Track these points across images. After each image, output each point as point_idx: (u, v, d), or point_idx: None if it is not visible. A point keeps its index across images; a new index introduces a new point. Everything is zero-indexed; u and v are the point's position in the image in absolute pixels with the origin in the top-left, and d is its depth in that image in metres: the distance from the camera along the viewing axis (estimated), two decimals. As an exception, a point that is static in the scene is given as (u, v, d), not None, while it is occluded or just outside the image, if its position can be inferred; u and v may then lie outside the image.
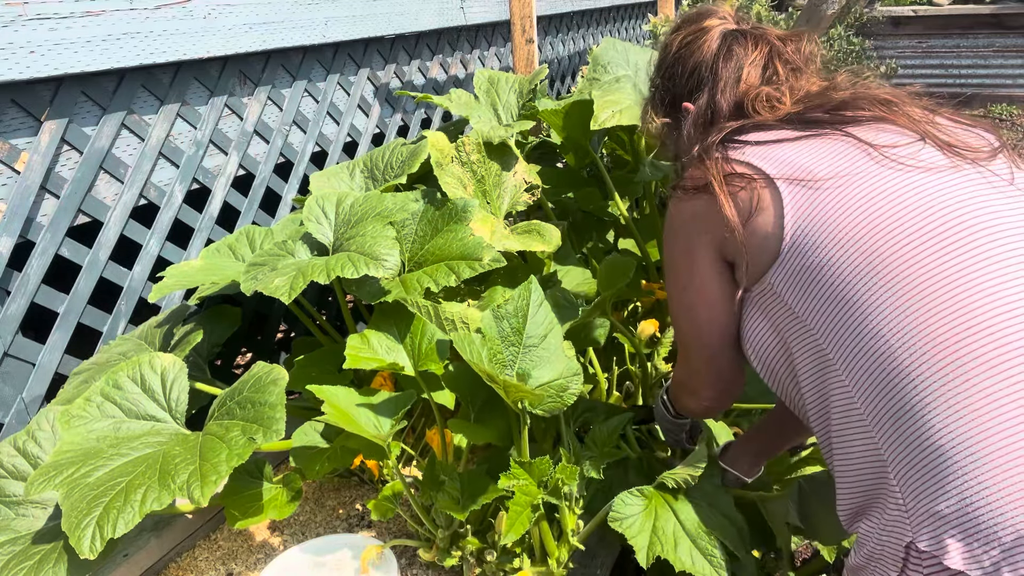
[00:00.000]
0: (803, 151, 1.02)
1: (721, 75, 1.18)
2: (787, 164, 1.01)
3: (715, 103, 1.16)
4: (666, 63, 1.27)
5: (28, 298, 1.70)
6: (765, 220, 1.00)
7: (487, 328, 1.46)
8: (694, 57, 1.22)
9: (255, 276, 1.59)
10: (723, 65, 1.18)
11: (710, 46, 1.20)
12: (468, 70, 3.33)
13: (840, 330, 0.94)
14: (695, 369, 1.23)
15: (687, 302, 1.16)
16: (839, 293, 0.94)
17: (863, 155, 0.99)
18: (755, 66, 1.17)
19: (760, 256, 1.02)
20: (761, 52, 1.18)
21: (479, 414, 1.55)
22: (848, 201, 0.95)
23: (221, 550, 1.66)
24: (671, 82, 1.26)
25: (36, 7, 1.62)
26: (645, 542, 1.25)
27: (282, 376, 1.40)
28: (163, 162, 2.01)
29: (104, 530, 1.15)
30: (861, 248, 0.92)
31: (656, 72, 1.32)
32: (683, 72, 1.23)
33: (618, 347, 2.02)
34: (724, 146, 1.08)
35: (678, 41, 1.25)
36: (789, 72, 1.17)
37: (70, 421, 1.39)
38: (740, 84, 1.16)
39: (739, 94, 1.16)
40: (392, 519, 1.71)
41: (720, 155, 1.06)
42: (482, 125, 2.09)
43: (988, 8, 5.74)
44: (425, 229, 1.77)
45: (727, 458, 1.49)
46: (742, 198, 1.02)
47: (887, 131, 1.03)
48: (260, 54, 2.25)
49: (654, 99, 1.32)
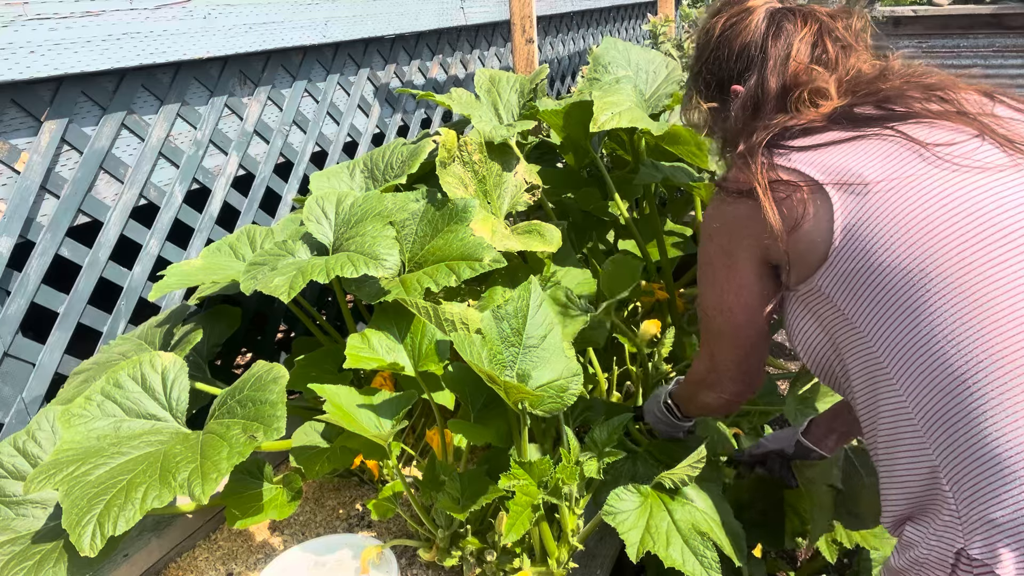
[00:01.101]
0: (852, 154, 0.99)
1: (770, 54, 1.14)
2: (836, 169, 0.98)
3: (764, 83, 1.13)
4: (710, 46, 1.23)
5: (28, 298, 1.70)
6: (813, 226, 0.98)
7: (487, 329, 1.46)
8: (741, 38, 1.18)
9: (255, 276, 1.59)
10: (772, 43, 1.14)
11: (757, 25, 1.17)
12: (468, 70, 3.33)
13: (892, 334, 0.92)
14: (722, 366, 1.23)
15: (724, 303, 1.15)
16: (891, 297, 0.92)
17: (915, 156, 0.96)
18: (805, 43, 1.13)
19: (807, 259, 1.00)
20: (811, 29, 1.14)
21: (479, 414, 1.55)
22: (900, 205, 0.93)
23: (221, 550, 1.66)
24: (716, 65, 1.22)
25: (36, 7, 1.62)
26: (637, 538, 1.25)
27: (283, 374, 1.40)
28: (163, 162, 2.01)
29: (105, 528, 1.16)
30: (914, 252, 0.90)
31: (698, 57, 1.28)
32: (730, 54, 1.19)
33: (618, 347, 2.02)
34: (769, 151, 1.05)
35: (722, 23, 1.22)
36: (839, 50, 1.14)
37: (70, 420, 1.39)
38: (790, 62, 1.12)
39: (789, 74, 1.12)
40: (392, 519, 1.71)
41: (766, 160, 1.03)
42: (484, 125, 2.09)
43: (988, 8, 5.74)
44: (425, 229, 1.78)
45: (812, 437, 1.48)
46: (788, 206, 0.99)
47: (942, 127, 0.99)
48: (260, 54, 2.25)
49: (698, 84, 1.28)
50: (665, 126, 1.90)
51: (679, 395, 1.50)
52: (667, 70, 2.35)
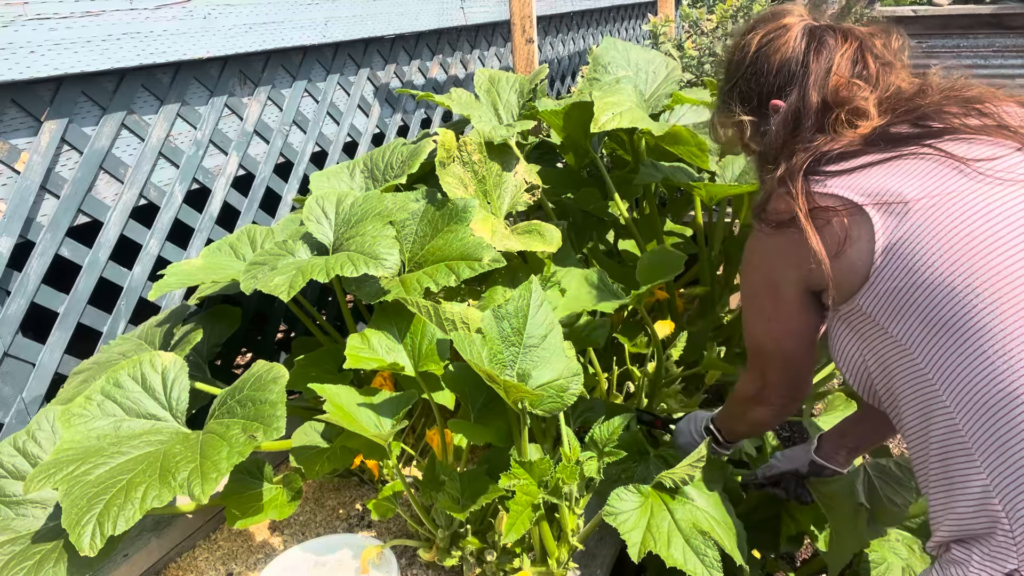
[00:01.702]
0: (890, 174, 0.99)
1: (812, 68, 1.14)
2: (874, 191, 0.98)
3: (806, 97, 1.13)
4: (746, 62, 1.24)
5: (28, 298, 1.70)
6: (855, 249, 0.99)
7: (487, 328, 1.46)
8: (780, 53, 1.18)
9: (255, 275, 1.59)
10: (814, 57, 1.15)
11: (796, 41, 1.17)
12: (468, 70, 3.33)
13: (940, 352, 0.92)
14: (772, 383, 1.28)
15: (773, 332, 1.19)
16: (937, 315, 0.92)
17: (955, 172, 0.96)
18: (846, 58, 1.14)
19: (848, 280, 1.01)
20: (852, 45, 1.15)
21: (479, 414, 1.55)
22: (942, 221, 0.92)
23: (221, 550, 1.66)
24: (756, 79, 1.22)
25: (36, 7, 1.62)
26: (638, 538, 1.25)
27: (282, 374, 1.40)
28: (163, 162, 2.01)
29: (104, 527, 1.15)
30: (958, 269, 0.90)
31: (733, 73, 1.28)
32: (769, 68, 1.19)
33: (618, 347, 2.02)
34: (806, 179, 1.05)
35: (758, 40, 1.22)
36: (880, 67, 1.14)
37: (70, 419, 1.39)
38: (831, 76, 1.13)
39: (830, 88, 1.12)
40: (392, 519, 1.71)
41: (804, 188, 1.04)
42: (484, 125, 2.09)
43: (988, 8, 5.74)
44: (425, 229, 1.78)
45: (823, 453, 1.50)
46: (830, 232, 1.00)
47: (981, 142, 0.99)
48: (260, 54, 2.25)
49: (733, 98, 1.27)
50: (666, 126, 1.90)
51: (724, 418, 1.50)
52: (667, 70, 2.35)
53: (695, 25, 4.06)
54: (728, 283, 2.33)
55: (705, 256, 2.24)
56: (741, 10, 3.84)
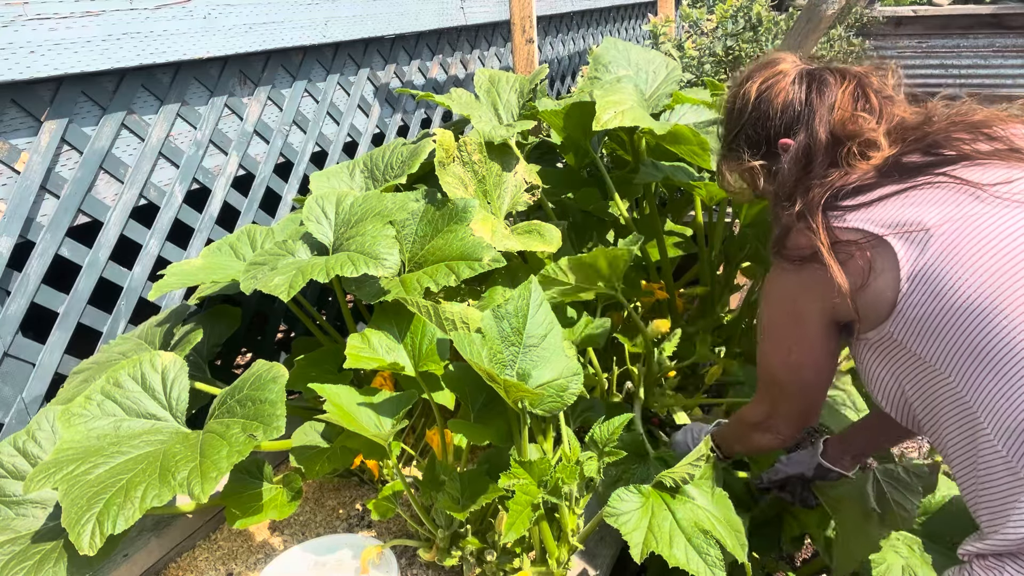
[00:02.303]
0: (908, 204, 1.01)
1: (816, 106, 1.18)
2: (894, 221, 1.00)
3: (814, 134, 1.16)
4: (748, 109, 1.27)
5: (28, 298, 1.70)
6: (881, 279, 1.00)
7: (487, 328, 1.46)
8: (781, 97, 1.22)
9: (255, 275, 1.59)
10: (817, 96, 1.18)
11: (796, 85, 1.21)
12: (468, 70, 3.33)
13: (974, 376, 0.94)
14: (782, 412, 1.30)
15: (793, 363, 1.20)
16: (967, 339, 0.94)
17: (972, 198, 0.98)
18: (848, 95, 1.17)
19: (875, 309, 1.03)
20: (851, 82, 1.19)
21: (479, 414, 1.55)
22: (964, 245, 0.94)
23: (221, 550, 1.66)
24: (760, 123, 1.25)
25: (36, 7, 1.62)
26: (640, 538, 1.25)
27: (282, 374, 1.40)
28: (163, 162, 2.01)
29: (104, 526, 1.15)
30: (985, 291, 0.92)
31: (736, 121, 1.31)
32: (773, 111, 1.23)
33: (618, 347, 2.02)
34: (825, 215, 1.07)
35: (756, 87, 1.26)
36: (882, 100, 1.17)
37: (70, 419, 1.39)
38: (835, 111, 1.16)
39: (836, 123, 1.15)
40: (392, 519, 1.71)
41: (824, 223, 1.06)
42: (484, 125, 2.09)
43: (988, 8, 5.74)
44: (425, 229, 1.77)
45: (829, 456, 1.51)
46: (853, 266, 1.02)
47: (995, 167, 1.01)
48: (260, 54, 2.25)
49: (740, 145, 1.30)
50: (667, 125, 1.90)
51: (725, 436, 1.51)
52: (667, 70, 2.35)
53: (695, 25, 4.07)
54: (728, 283, 2.33)
55: (705, 256, 2.24)
56: (741, 10, 3.84)
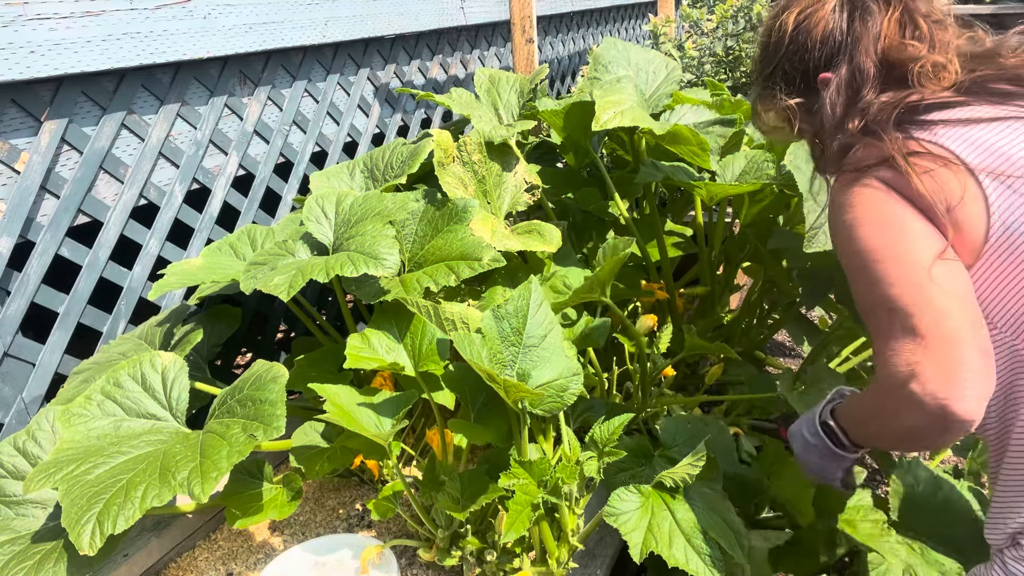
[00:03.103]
0: (1005, 135, 0.91)
1: (860, 34, 1.07)
2: (990, 152, 0.90)
3: (859, 65, 1.05)
4: (786, 41, 1.16)
5: (28, 298, 1.70)
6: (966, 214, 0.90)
7: (487, 328, 1.46)
8: (820, 26, 1.11)
9: (255, 275, 1.59)
10: (860, 24, 1.08)
11: (837, 13, 1.10)
12: (468, 70, 3.33)
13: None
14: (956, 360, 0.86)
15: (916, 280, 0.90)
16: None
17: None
18: (893, 21, 1.07)
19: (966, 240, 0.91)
20: (895, 7, 1.08)
21: (479, 414, 1.55)
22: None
23: (221, 550, 1.66)
24: (797, 57, 1.14)
25: (36, 7, 1.62)
26: (640, 538, 1.25)
27: (282, 374, 1.40)
28: (163, 162, 2.01)
29: (104, 526, 1.15)
30: None
31: (772, 56, 1.20)
32: (812, 43, 1.12)
33: (618, 347, 2.02)
34: (904, 127, 0.96)
35: (795, 17, 1.15)
36: (932, 24, 1.07)
37: (70, 419, 1.39)
38: (882, 40, 1.06)
39: (882, 50, 1.06)
40: (392, 519, 1.71)
41: (902, 134, 0.94)
42: (484, 125, 2.09)
43: (988, 8, 5.74)
44: (425, 229, 1.77)
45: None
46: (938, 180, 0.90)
47: None
48: (260, 54, 2.25)
49: (776, 82, 1.19)
50: (667, 125, 1.90)
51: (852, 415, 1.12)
52: (667, 70, 2.35)
53: (695, 25, 4.07)
54: (728, 283, 2.33)
55: (705, 256, 2.24)
56: (741, 10, 3.84)
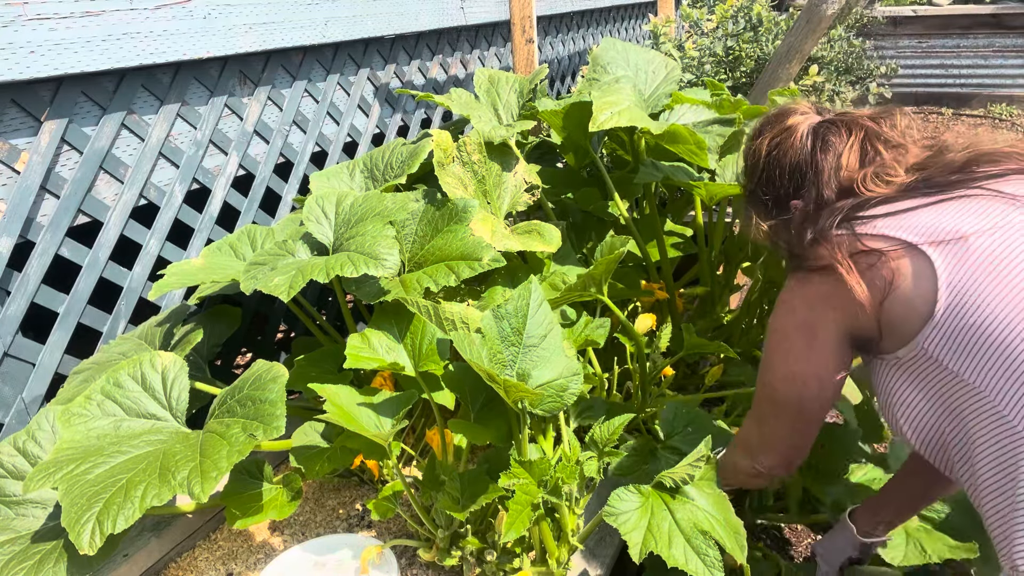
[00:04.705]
0: (943, 213, 0.98)
1: (822, 167, 1.15)
2: (929, 228, 0.97)
3: (821, 196, 1.14)
4: (759, 169, 1.26)
5: (28, 298, 1.70)
6: (912, 288, 0.96)
7: (487, 328, 1.46)
8: (788, 157, 1.20)
9: (255, 275, 1.59)
10: (822, 157, 1.16)
11: (803, 143, 1.19)
12: (468, 70, 3.33)
13: (1019, 391, 0.90)
14: (771, 439, 1.23)
15: (797, 374, 1.14)
16: (1012, 353, 0.90)
17: (1011, 207, 0.95)
18: (853, 151, 1.15)
19: (906, 322, 0.99)
20: (856, 136, 1.16)
21: (479, 414, 1.55)
22: (1007, 254, 0.91)
23: (221, 550, 1.66)
24: (770, 186, 1.24)
25: (36, 7, 1.62)
26: (639, 538, 1.25)
27: (282, 373, 1.40)
28: (163, 162, 2.01)
29: (104, 525, 1.15)
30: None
31: (749, 179, 1.30)
32: (781, 174, 1.21)
33: (618, 347, 2.02)
34: (850, 224, 1.05)
35: (767, 145, 1.24)
36: (890, 150, 1.14)
37: (70, 419, 1.39)
38: (842, 171, 1.14)
39: (843, 180, 1.13)
40: (392, 519, 1.71)
41: (847, 233, 1.03)
42: (483, 125, 2.09)
43: (988, 8, 5.74)
44: (425, 229, 1.77)
45: (862, 531, 1.44)
46: (877, 277, 0.99)
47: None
48: (260, 54, 2.25)
49: (756, 204, 1.29)
50: (664, 125, 1.90)
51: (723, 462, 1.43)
52: (666, 70, 2.35)
53: (696, 25, 4.07)
54: (728, 283, 2.33)
55: (705, 256, 2.24)
56: (741, 11, 3.84)
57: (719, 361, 2.12)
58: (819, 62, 4.10)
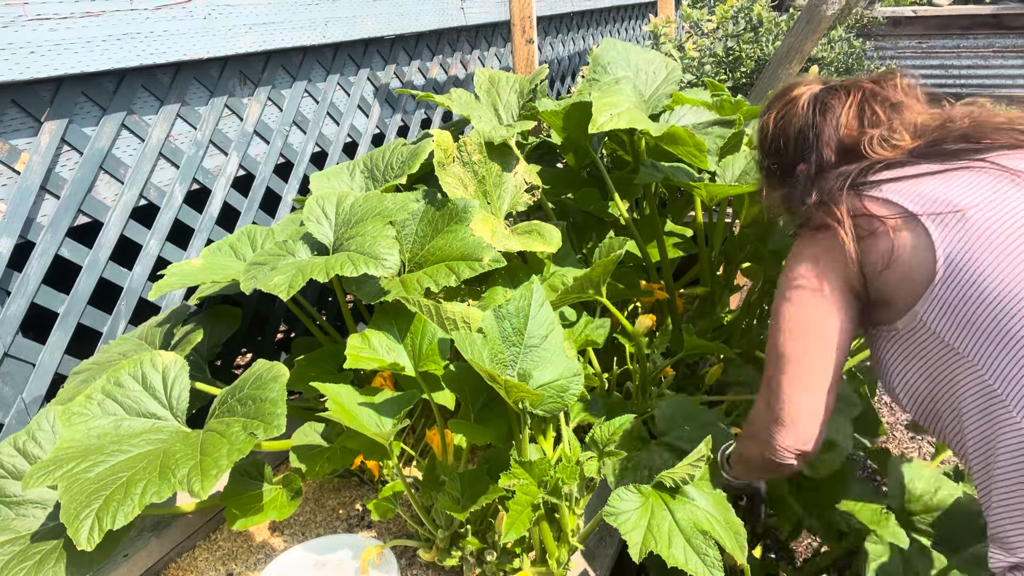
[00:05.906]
0: (948, 184, 1.00)
1: (821, 128, 1.19)
2: (932, 198, 0.99)
3: (821, 156, 1.17)
4: (767, 141, 1.30)
5: (28, 298, 1.70)
6: (910, 258, 0.98)
7: (488, 328, 1.46)
8: (792, 125, 1.23)
9: (255, 275, 1.59)
10: (822, 120, 1.19)
11: (805, 110, 1.22)
12: (468, 70, 3.33)
13: (1008, 364, 0.91)
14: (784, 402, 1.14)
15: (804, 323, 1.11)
16: (1004, 326, 0.91)
17: (1010, 184, 0.97)
18: (851, 110, 1.17)
19: (904, 291, 1.00)
20: (854, 97, 1.18)
21: (479, 414, 1.55)
22: (1003, 229, 0.93)
23: (221, 550, 1.66)
24: (779, 156, 1.28)
25: (36, 7, 1.62)
26: (639, 538, 1.25)
27: (283, 373, 1.40)
28: (163, 162, 2.01)
29: (103, 522, 1.15)
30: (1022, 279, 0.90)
31: (761, 153, 1.34)
32: (787, 142, 1.25)
33: (618, 347, 2.02)
34: (857, 189, 1.06)
35: (773, 118, 1.28)
36: (888, 109, 1.16)
37: (71, 418, 1.39)
38: (842, 130, 1.17)
39: (843, 139, 1.16)
40: (392, 519, 1.71)
41: (852, 194, 1.05)
42: (483, 125, 2.09)
43: (988, 8, 5.74)
44: (425, 229, 1.78)
45: None
46: (876, 245, 1.00)
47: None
48: (260, 54, 2.25)
49: (768, 177, 1.33)
50: (664, 127, 1.90)
51: (734, 453, 1.43)
52: (667, 71, 2.35)
53: (696, 26, 4.07)
54: (728, 283, 2.33)
55: (705, 256, 2.24)
56: (742, 11, 3.84)
57: (719, 361, 2.12)
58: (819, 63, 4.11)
